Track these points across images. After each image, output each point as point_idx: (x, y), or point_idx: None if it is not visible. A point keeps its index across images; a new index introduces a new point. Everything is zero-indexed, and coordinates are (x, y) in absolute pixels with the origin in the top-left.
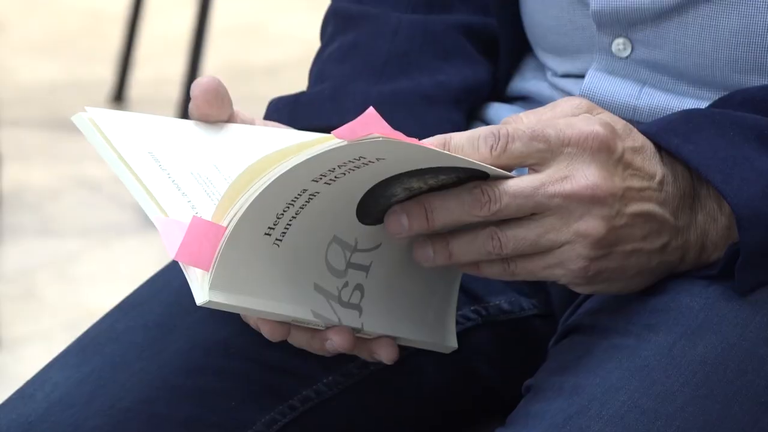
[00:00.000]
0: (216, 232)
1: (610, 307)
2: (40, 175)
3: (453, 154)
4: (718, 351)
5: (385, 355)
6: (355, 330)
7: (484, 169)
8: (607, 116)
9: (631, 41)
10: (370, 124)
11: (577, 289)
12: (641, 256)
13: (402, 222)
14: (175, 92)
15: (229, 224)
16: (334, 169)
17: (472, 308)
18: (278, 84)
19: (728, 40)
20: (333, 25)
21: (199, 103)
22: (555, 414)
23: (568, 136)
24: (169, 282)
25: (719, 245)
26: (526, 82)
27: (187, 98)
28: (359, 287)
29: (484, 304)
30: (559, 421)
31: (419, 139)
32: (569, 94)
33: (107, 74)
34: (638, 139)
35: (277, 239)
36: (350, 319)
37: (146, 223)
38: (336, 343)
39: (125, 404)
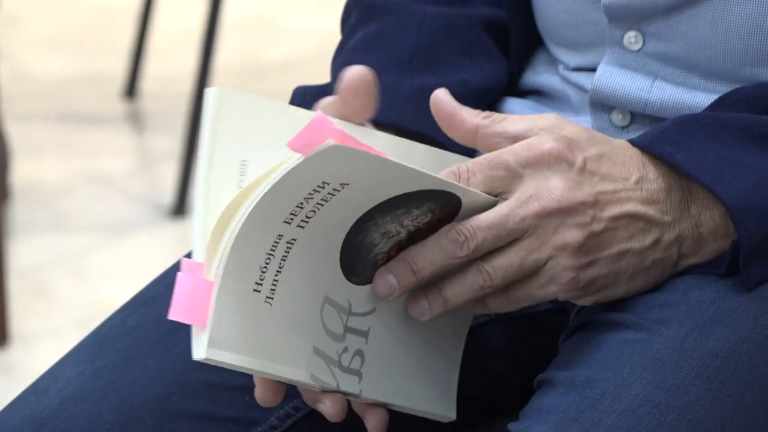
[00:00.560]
0: (205, 287)
1: (621, 302)
2: (52, 170)
3: (413, 167)
4: (730, 344)
5: (372, 425)
6: (352, 395)
7: (455, 191)
8: (575, 129)
9: (642, 34)
10: (321, 130)
11: (579, 302)
12: (632, 257)
13: (390, 282)
14: (187, 87)
15: (215, 278)
16: (302, 204)
17: None
18: (291, 79)
19: (739, 32)
20: (356, 15)
21: (347, 86)
22: (567, 408)
23: (524, 157)
24: None
25: (719, 233)
26: (538, 75)
27: (199, 93)
28: (359, 353)
29: None
30: (572, 415)
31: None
32: (581, 87)
33: (119, 69)
34: (600, 147)
35: (267, 297)
36: (349, 384)
37: (158, 218)
38: (327, 409)
39: (138, 400)
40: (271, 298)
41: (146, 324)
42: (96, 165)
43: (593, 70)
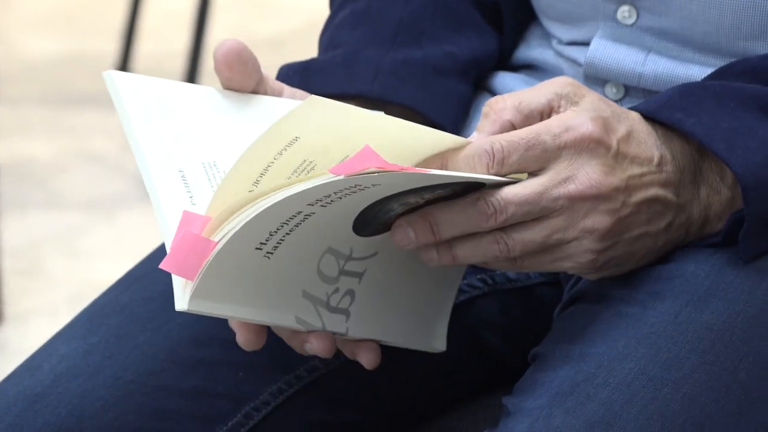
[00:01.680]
0: (205, 245)
1: (616, 275)
2: (44, 149)
3: (449, 173)
4: (725, 317)
5: (366, 360)
6: (338, 334)
7: (481, 180)
8: (594, 101)
9: (636, 8)
10: (366, 160)
11: (587, 277)
12: (648, 238)
13: (409, 235)
14: (179, 65)
15: (220, 240)
16: (330, 195)
17: (478, 277)
18: (283, 56)
19: (733, 6)
20: None
21: (221, 66)
22: (562, 382)
23: (564, 140)
24: None
25: (722, 217)
26: (531, 50)
27: (192, 71)
28: (350, 292)
29: (490, 273)
30: (566, 388)
31: (416, 166)
32: (575, 61)
33: (111, 48)
34: (627, 124)
35: (268, 252)
36: (336, 324)
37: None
38: (315, 347)
39: (131, 376)
40: (271, 254)
41: (138, 301)
42: (89, 144)
43: (587, 44)
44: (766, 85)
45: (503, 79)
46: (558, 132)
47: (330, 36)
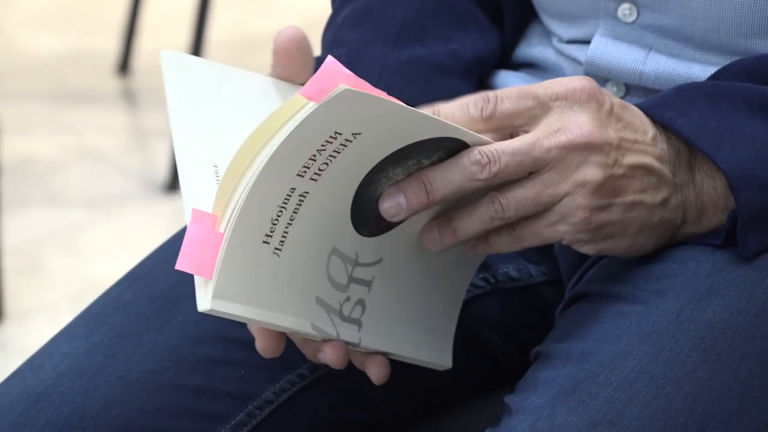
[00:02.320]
0: (214, 238)
1: (618, 273)
2: (45, 147)
3: (428, 114)
4: (726, 316)
5: (375, 374)
6: (351, 344)
7: (466, 138)
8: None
9: (636, 6)
10: (334, 75)
11: (583, 249)
12: (642, 209)
13: (399, 202)
14: None
15: (225, 230)
16: (315, 156)
17: (480, 276)
18: None
19: (733, 3)
20: None
21: (280, 53)
22: (564, 380)
23: (555, 91)
24: (175, 252)
25: (719, 205)
26: (531, 48)
27: None
28: (361, 302)
29: (492, 272)
30: (568, 387)
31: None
32: (575, 60)
33: (112, 45)
34: (623, 100)
35: (276, 248)
36: (349, 333)
37: (152, 194)
38: (328, 356)
39: (133, 374)
40: (279, 250)
41: (141, 299)
42: (89, 141)
43: (587, 42)
44: (760, 84)
45: (504, 77)
46: (549, 85)
47: (333, 34)
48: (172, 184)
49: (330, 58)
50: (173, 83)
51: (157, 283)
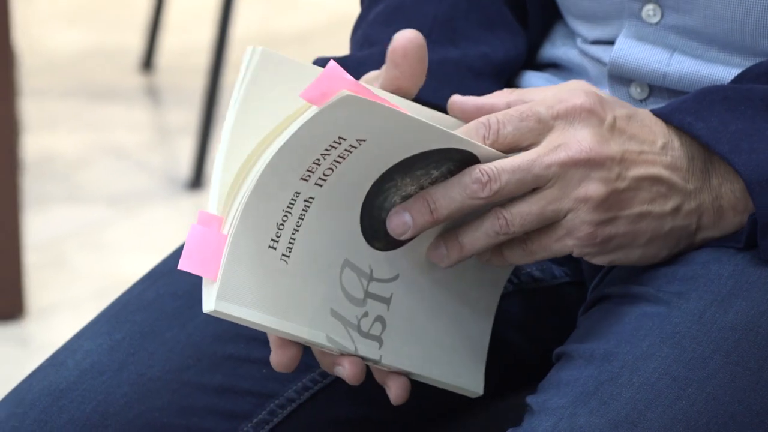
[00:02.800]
0: (217, 240)
1: (640, 275)
2: (68, 143)
3: (431, 124)
4: (749, 317)
5: (394, 394)
6: (372, 361)
7: (473, 149)
8: (601, 93)
9: (661, 7)
10: (335, 80)
11: (594, 260)
12: (651, 220)
13: (405, 220)
14: (203, 60)
15: (229, 232)
16: (319, 160)
17: None
18: (308, 52)
19: (758, 4)
20: None
21: (397, 48)
22: (586, 381)
23: (556, 110)
24: None
25: (738, 208)
26: (556, 49)
27: (216, 66)
28: (380, 319)
29: (515, 272)
30: (590, 388)
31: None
32: (599, 60)
33: (136, 42)
34: (631, 110)
35: (283, 254)
36: (368, 350)
37: (175, 191)
38: (346, 371)
39: (156, 372)
40: (287, 256)
41: (164, 297)
42: (112, 138)
43: (611, 43)
44: None
45: (529, 77)
46: (551, 104)
47: (364, 33)
48: (195, 182)
49: (332, 62)
50: (252, 81)
51: (179, 281)
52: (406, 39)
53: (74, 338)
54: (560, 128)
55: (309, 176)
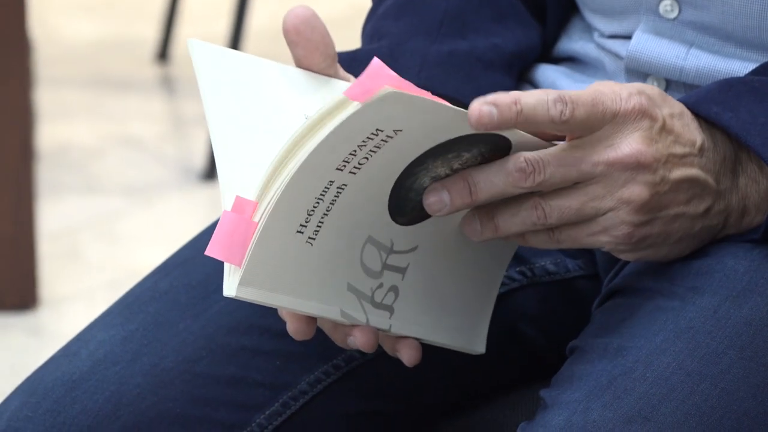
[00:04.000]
0: (247, 227)
1: (654, 269)
2: (83, 134)
3: (467, 111)
4: (764, 313)
5: (407, 357)
6: (382, 331)
7: (509, 135)
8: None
9: (678, 2)
10: (379, 77)
11: (622, 256)
12: (685, 220)
13: (443, 198)
14: None
15: (260, 220)
16: (356, 151)
17: (517, 269)
18: None
19: None
20: None
21: (289, 30)
22: (599, 375)
23: (617, 107)
24: None
25: (762, 208)
26: (573, 43)
27: None
28: (394, 289)
29: (529, 265)
30: (604, 382)
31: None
32: (616, 55)
33: (152, 33)
34: (675, 105)
35: (310, 238)
36: (379, 320)
37: (189, 182)
38: (358, 340)
39: (169, 363)
40: (313, 239)
41: (178, 288)
42: (127, 129)
43: (628, 37)
44: None
45: (545, 71)
46: (615, 99)
47: (373, 27)
48: (210, 173)
49: (376, 59)
50: (205, 72)
51: (193, 272)
52: (292, 16)
53: (87, 329)
54: (612, 126)
55: (344, 166)
